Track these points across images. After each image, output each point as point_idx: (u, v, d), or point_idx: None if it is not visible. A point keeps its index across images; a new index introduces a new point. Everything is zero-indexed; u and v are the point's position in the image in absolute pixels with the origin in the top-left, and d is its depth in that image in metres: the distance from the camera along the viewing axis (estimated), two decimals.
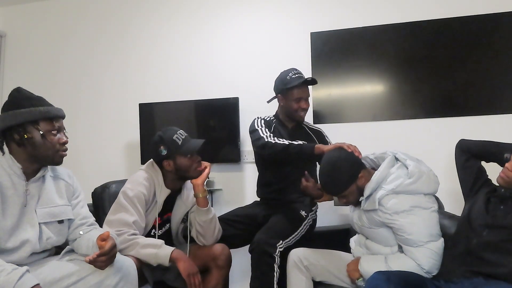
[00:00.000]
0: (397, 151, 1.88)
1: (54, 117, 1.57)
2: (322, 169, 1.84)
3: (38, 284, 1.35)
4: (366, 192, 1.79)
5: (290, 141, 2.10)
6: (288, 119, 2.39)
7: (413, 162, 1.80)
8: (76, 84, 3.33)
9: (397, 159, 1.86)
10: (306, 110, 2.34)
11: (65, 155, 1.62)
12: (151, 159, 2.07)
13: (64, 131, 1.62)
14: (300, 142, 2.10)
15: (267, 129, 2.24)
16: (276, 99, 2.40)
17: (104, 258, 1.46)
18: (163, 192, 2.00)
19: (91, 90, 3.31)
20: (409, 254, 1.71)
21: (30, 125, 1.51)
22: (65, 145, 1.60)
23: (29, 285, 1.32)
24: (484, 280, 1.54)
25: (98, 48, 3.31)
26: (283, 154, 2.11)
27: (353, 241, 2.06)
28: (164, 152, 1.97)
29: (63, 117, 1.62)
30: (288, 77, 2.28)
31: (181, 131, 2.03)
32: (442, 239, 1.73)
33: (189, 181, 2.08)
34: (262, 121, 2.33)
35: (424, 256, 1.67)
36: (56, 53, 3.39)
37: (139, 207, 1.90)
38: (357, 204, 1.89)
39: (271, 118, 2.41)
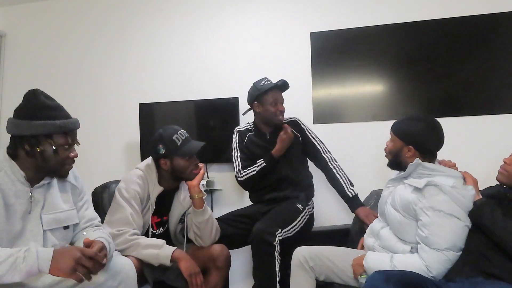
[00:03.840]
0: None
1: (69, 131, 1.53)
2: (411, 114, 1.92)
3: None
4: (409, 171, 1.76)
5: (255, 167, 2.34)
6: (266, 126, 2.47)
7: None
8: (76, 84, 3.33)
9: None
10: (283, 113, 2.43)
11: (71, 168, 1.60)
12: (150, 157, 2.07)
13: (77, 141, 1.58)
14: (261, 161, 2.33)
15: (239, 155, 2.43)
16: (251, 111, 2.51)
17: (91, 264, 1.39)
18: (156, 190, 1.99)
19: (91, 90, 3.31)
20: (422, 254, 1.64)
21: (43, 138, 1.47)
22: (74, 159, 1.57)
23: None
24: (484, 280, 1.53)
25: (98, 48, 3.31)
26: (258, 179, 2.36)
27: (368, 229, 1.99)
28: (162, 151, 1.97)
29: (78, 128, 1.58)
30: (261, 84, 2.42)
31: (182, 132, 2.01)
32: (460, 253, 1.64)
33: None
34: (237, 137, 2.50)
35: (437, 261, 1.60)
36: (56, 53, 3.39)
37: (135, 205, 1.91)
38: (389, 163, 1.90)
39: (249, 127, 2.53)
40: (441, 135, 1.81)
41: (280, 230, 2.07)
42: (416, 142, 1.78)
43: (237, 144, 2.47)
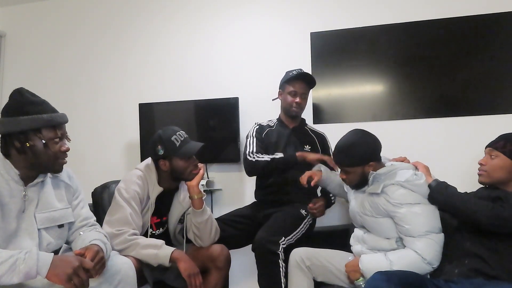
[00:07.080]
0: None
1: (57, 125, 1.53)
2: (341, 143, 1.90)
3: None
4: (371, 179, 1.84)
5: (271, 156, 2.28)
6: (289, 119, 2.46)
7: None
8: (76, 84, 3.33)
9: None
10: (300, 106, 2.42)
11: (65, 162, 1.59)
12: (149, 157, 2.07)
13: (67, 136, 1.58)
14: (281, 154, 2.30)
15: (255, 141, 2.37)
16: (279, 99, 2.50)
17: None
18: (155, 190, 1.99)
19: (91, 90, 3.31)
20: (410, 245, 1.71)
21: (32, 133, 1.47)
22: (66, 152, 1.57)
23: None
24: (484, 281, 1.54)
25: (98, 48, 3.31)
26: (266, 170, 2.30)
27: (352, 238, 2.04)
28: (161, 152, 1.97)
29: (66, 122, 1.58)
30: (291, 74, 2.41)
31: (181, 132, 2.01)
32: (443, 234, 1.74)
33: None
34: (256, 128, 2.47)
35: (426, 246, 1.68)
36: (56, 53, 3.39)
37: (135, 205, 1.92)
38: (354, 186, 1.93)
39: (271, 122, 2.51)
40: (375, 136, 1.91)
41: (283, 238, 2.05)
42: (371, 156, 1.86)
43: (255, 133, 2.45)
